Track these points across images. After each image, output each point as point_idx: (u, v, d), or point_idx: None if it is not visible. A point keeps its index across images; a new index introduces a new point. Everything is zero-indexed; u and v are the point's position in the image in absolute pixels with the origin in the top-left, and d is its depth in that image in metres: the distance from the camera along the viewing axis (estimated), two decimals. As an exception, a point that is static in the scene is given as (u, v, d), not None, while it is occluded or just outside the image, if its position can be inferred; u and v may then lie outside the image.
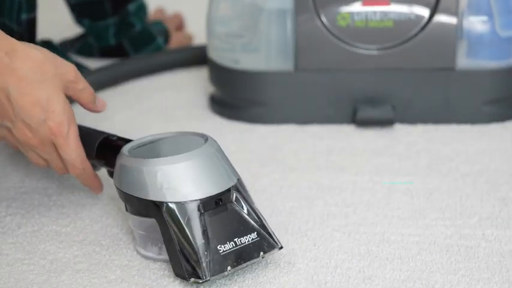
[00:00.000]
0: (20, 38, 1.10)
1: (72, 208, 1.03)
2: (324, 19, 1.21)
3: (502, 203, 1.02)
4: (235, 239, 0.87)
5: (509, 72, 1.22)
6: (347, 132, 1.22)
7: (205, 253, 0.85)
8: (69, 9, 1.48)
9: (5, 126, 0.96)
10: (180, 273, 0.86)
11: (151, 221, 0.89)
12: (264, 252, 0.88)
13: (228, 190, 0.89)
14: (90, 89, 0.99)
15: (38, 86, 0.92)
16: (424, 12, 1.20)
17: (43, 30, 1.39)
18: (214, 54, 1.27)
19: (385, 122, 1.22)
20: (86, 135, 0.99)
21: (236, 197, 0.89)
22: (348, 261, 0.91)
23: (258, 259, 0.88)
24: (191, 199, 0.87)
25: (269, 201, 1.03)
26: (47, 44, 1.40)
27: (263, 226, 0.89)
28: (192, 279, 0.85)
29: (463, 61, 1.21)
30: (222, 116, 1.28)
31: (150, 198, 0.87)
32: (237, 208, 0.89)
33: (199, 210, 0.87)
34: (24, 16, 1.19)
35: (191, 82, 1.42)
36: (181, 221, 0.86)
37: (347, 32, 1.21)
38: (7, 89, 0.92)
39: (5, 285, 0.88)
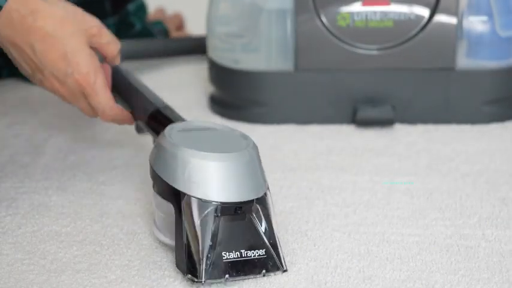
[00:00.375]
0: None
1: (72, 208, 1.03)
2: (324, 19, 1.21)
3: (502, 203, 1.02)
4: (242, 250, 0.87)
5: (509, 72, 1.22)
6: (347, 132, 1.22)
7: (208, 255, 0.85)
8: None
9: (37, 78, 1.03)
10: (179, 265, 0.87)
11: (171, 206, 0.89)
12: (267, 271, 0.88)
13: (251, 201, 0.88)
14: (116, 43, 1.05)
15: (61, 42, 0.99)
16: (424, 12, 1.20)
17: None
18: (214, 54, 1.27)
19: (385, 122, 1.22)
20: (141, 99, 1.04)
21: (257, 210, 0.88)
22: (348, 261, 0.91)
23: (258, 276, 0.88)
24: (212, 200, 0.86)
25: (269, 201, 1.03)
26: None
27: (274, 246, 0.89)
28: (189, 276, 0.86)
29: (463, 61, 1.21)
30: (222, 116, 1.28)
31: (175, 186, 0.87)
32: (254, 221, 0.88)
33: (216, 212, 0.86)
34: None
35: (191, 82, 1.42)
36: (196, 217, 0.86)
37: (347, 32, 1.21)
38: (33, 47, 0.99)
39: (5, 285, 0.88)
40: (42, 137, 1.22)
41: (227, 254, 0.86)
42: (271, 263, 0.88)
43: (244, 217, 0.88)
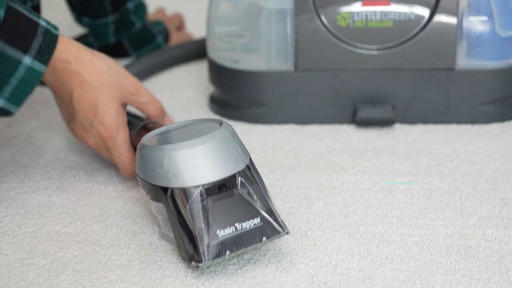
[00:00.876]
0: None
1: (72, 208, 1.03)
2: (324, 19, 1.21)
3: (502, 203, 1.02)
4: (236, 224, 0.88)
5: (509, 72, 1.22)
6: (347, 132, 1.22)
7: (204, 238, 0.86)
8: (70, 7, 1.48)
9: (71, 126, 1.09)
10: (183, 257, 0.89)
11: (159, 204, 0.91)
12: (267, 238, 0.89)
13: (233, 176, 0.89)
14: (157, 104, 1.09)
15: (95, 92, 1.03)
16: (424, 12, 1.20)
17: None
18: (214, 54, 1.27)
19: (385, 122, 1.22)
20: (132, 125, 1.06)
21: (242, 182, 0.90)
22: (348, 261, 0.91)
23: (260, 244, 0.89)
24: (194, 185, 0.88)
25: (269, 201, 1.03)
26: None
27: (270, 212, 0.90)
28: (193, 263, 0.87)
29: (463, 61, 1.21)
30: (222, 116, 1.28)
31: (157, 184, 0.90)
32: (242, 193, 0.90)
33: (201, 195, 0.88)
34: (28, 4, 1.19)
35: (191, 82, 1.42)
36: (184, 206, 0.88)
37: (347, 32, 1.21)
38: (71, 92, 1.04)
39: (5, 285, 0.88)
40: (42, 137, 1.22)
41: (222, 231, 0.87)
42: (270, 229, 0.89)
43: (231, 193, 0.89)
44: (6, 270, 0.91)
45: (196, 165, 0.88)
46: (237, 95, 1.27)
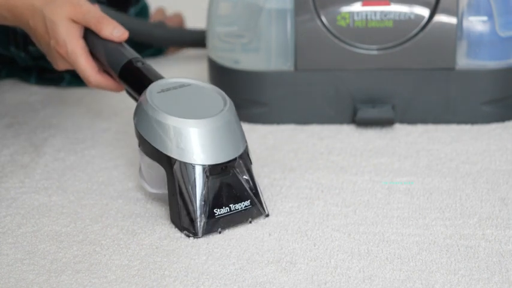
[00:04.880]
0: None
1: (72, 208, 1.03)
2: (324, 19, 1.21)
3: (502, 203, 1.02)
4: (231, 205, 0.97)
5: (509, 72, 1.22)
6: (347, 132, 1.22)
7: (203, 214, 0.95)
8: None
9: (50, 58, 1.10)
10: (176, 223, 0.97)
11: (159, 165, 0.97)
12: (252, 219, 0.98)
13: (235, 159, 0.97)
14: (97, 13, 1.07)
15: (43, 15, 1.05)
16: (424, 12, 1.20)
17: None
18: (214, 54, 1.27)
19: (385, 122, 1.22)
20: (113, 52, 1.07)
21: (240, 164, 0.97)
22: (348, 261, 0.91)
23: (245, 223, 0.98)
24: (201, 163, 0.95)
25: (269, 201, 1.03)
26: None
27: (257, 194, 0.99)
28: (185, 232, 0.95)
29: (463, 61, 1.21)
30: (222, 116, 1.28)
31: (164, 152, 0.95)
32: (238, 175, 0.97)
33: (205, 174, 0.95)
34: None
35: (191, 82, 1.42)
36: (189, 180, 0.94)
37: (347, 32, 1.21)
38: (28, 24, 1.06)
39: (5, 285, 0.88)
40: (42, 137, 1.22)
41: (218, 210, 0.96)
42: (255, 211, 0.99)
43: (229, 174, 0.97)
44: (6, 270, 0.91)
45: (205, 145, 0.95)
46: (237, 95, 1.27)
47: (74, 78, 1.38)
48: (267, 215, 0.99)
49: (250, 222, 0.98)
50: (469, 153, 1.15)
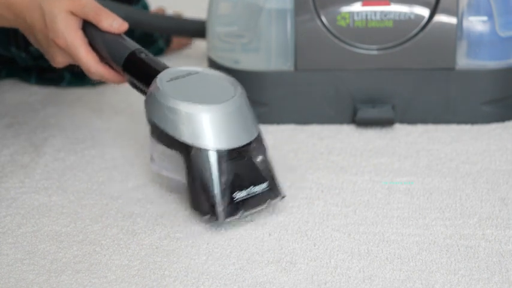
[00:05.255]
0: None
1: (72, 208, 1.03)
2: (324, 19, 1.21)
3: (502, 203, 1.02)
4: (249, 188, 0.97)
5: (509, 72, 1.22)
6: (347, 132, 1.22)
7: (222, 199, 0.95)
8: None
9: (48, 56, 1.09)
10: (196, 209, 0.97)
11: (175, 152, 0.97)
12: (271, 200, 0.99)
13: (250, 143, 0.98)
14: (96, 6, 1.07)
15: (41, 10, 1.04)
16: (424, 12, 1.20)
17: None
18: (214, 54, 1.27)
19: (385, 122, 1.22)
20: (114, 44, 1.07)
21: (255, 148, 0.98)
22: (348, 261, 0.91)
23: (264, 206, 0.99)
24: (219, 148, 0.96)
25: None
26: None
27: (273, 177, 1.00)
28: (208, 216, 0.96)
29: (463, 61, 1.21)
30: (222, 116, 1.28)
31: (182, 139, 0.96)
32: (254, 159, 0.98)
33: (224, 158, 0.96)
34: None
35: (191, 82, 1.42)
36: (208, 166, 0.95)
37: (347, 32, 1.21)
38: (25, 21, 1.06)
39: (5, 285, 0.88)
40: (42, 137, 1.22)
41: (238, 194, 0.96)
42: (273, 193, 0.99)
43: (245, 158, 0.97)
44: (6, 270, 0.91)
45: (221, 130, 0.96)
46: (237, 95, 1.27)
47: (74, 78, 1.38)
48: (283, 197, 1.00)
49: (268, 205, 0.99)
50: (469, 153, 1.15)
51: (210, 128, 0.96)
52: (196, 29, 1.44)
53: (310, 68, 1.22)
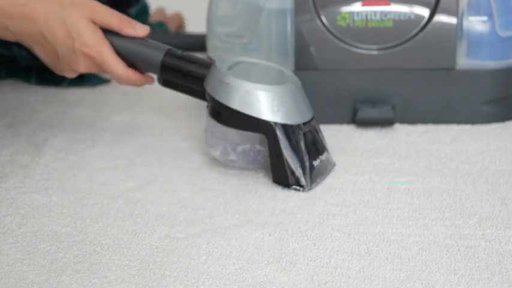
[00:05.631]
0: None
1: (72, 208, 1.03)
2: (324, 19, 1.21)
3: (502, 203, 1.02)
4: (320, 156, 1.08)
5: (509, 72, 1.22)
6: (347, 132, 1.22)
7: (308, 168, 1.05)
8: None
9: (59, 68, 1.11)
10: (281, 182, 1.06)
11: (250, 134, 1.06)
12: (331, 168, 1.10)
13: (313, 117, 1.09)
14: (116, 13, 1.09)
15: (60, 19, 1.05)
16: (424, 12, 1.20)
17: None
18: (214, 55, 1.27)
19: (385, 122, 1.22)
20: (144, 48, 1.10)
21: (314, 122, 1.09)
22: (348, 261, 0.91)
23: (327, 174, 1.09)
24: (298, 122, 1.05)
25: (269, 201, 1.03)
26: None
27: (327, 147, 1.10)
28: (294, 187, 1.05)
29: (463, 61, 1.21)
30: (222, 116, 1.28)
31: (263, 118, 1.04)
32: (315, 131, 1.08)
33: (302, 131, 1.05)
34: None
35: (191, 82, 1.42)
36: (291, 139, 1.04)
37: (347, 32, 1.21)
38: (41, 32, 1.06)
39: (5, 285, 0.88)
40: (42, 137, 1.22)
41: (315, 162, 1.06)
42: (331, 162, 1.10)
43: (313, 129, 1.07)
44: (6, 270, 0.91)
45: (295, 105, 1.06)
46: (237, 95, 1.26)
47: (74, 79, 1.38)
48: (335, 165, 1.10)
49: (329, 173, 1.08)
50: (469, 153, 1.15)
51: (287, 105, 1.05)
52: (194, 44, 1.45)
53: (310, 68, 1.22)
